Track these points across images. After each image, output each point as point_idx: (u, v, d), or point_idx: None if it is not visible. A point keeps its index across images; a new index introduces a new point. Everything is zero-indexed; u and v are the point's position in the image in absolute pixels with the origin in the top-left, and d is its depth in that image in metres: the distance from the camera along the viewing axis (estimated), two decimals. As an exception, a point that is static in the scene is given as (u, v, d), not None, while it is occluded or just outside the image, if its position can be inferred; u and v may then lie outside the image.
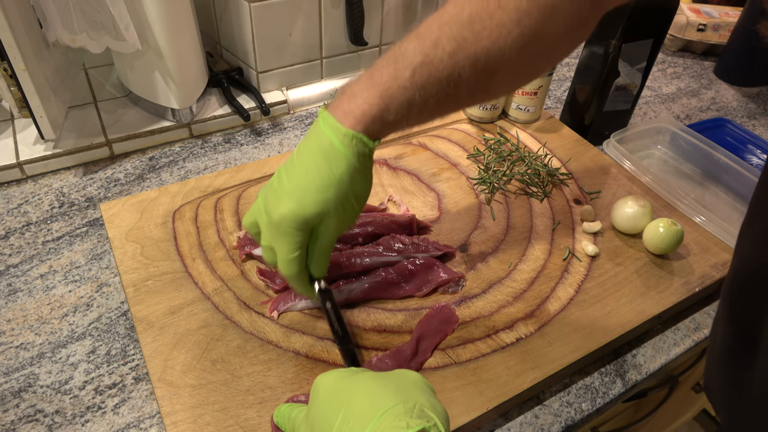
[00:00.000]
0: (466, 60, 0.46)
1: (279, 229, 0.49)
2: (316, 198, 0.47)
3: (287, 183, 0.49)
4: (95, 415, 0.54)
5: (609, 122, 0.91)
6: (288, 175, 0.49)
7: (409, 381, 0.41)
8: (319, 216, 0.48)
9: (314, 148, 0.48)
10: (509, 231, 0.71)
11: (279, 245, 0.50)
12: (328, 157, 0.47)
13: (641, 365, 0.62)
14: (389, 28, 0.98)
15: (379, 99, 0.46)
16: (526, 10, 0.45)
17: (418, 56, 0.46)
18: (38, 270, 0.66)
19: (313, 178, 0.47)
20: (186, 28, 0.80)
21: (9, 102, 0.82)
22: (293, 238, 0.49)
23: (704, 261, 0.69)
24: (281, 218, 0.48)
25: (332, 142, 0.47)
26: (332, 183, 0.47)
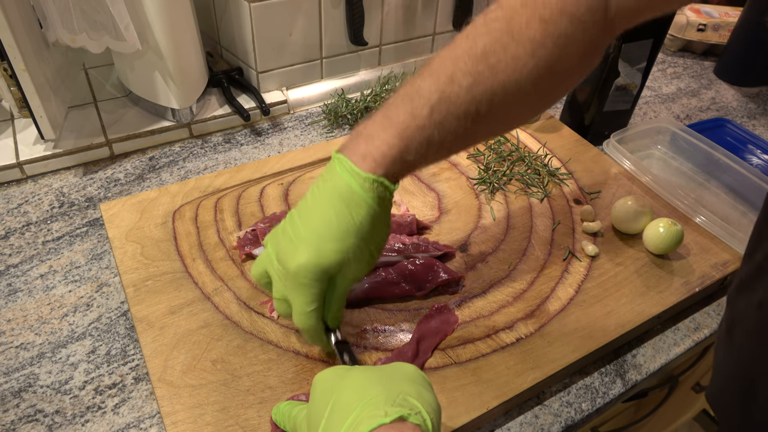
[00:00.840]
0: (483, 95, 0.45)
1: (296, 280, 0.46)
2: (336, 246, 0.45)
3: (303, 230, 0.46)
4: (95, 415, 0.54)
5: (609, 122, 0.91)
6: (303, 221, 0.47)
7: (401, 373, 0.41)
8: (339, 265, 0.46)
9: (331, 193, 0.46)
10: (509, 231, 0.71)
11: (295, 297, 0.47)
12: (347, 202, 0.45)
13: (641, 365, 0.62)
14: (389, 28, 0.98)
15: (398, 140, 0.45)
16: (540, 42, 0.44)
17: (434, 93, 0.45)
18: (38, 270, 0.66)
19: (332, 226, 0.45)
20: (186, 28, 0.80)
21: (9, 102, 0.82)
22: (311, 290, 0.46)
23: (704, 261, 0.69)
24: (298, 269, 0.45)
25: (351, 186, 0.45)
26: (352, 230, 0.45)
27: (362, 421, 0.35)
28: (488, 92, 0.45)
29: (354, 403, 0.37)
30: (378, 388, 0.38)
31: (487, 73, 0.45)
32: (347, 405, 0.37)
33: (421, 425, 0.36)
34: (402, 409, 0.36)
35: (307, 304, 0.47)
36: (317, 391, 0.41)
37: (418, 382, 0.40)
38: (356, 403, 0.37)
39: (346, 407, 0.37)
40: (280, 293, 0.49)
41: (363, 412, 0.36)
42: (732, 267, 0.69)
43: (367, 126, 0.47)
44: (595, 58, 0.49)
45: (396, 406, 0.36)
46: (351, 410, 0.37)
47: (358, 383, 0.39)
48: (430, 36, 1.04)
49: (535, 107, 0.51)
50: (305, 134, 0.90)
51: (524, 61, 0.45)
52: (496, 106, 0.46)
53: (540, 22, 0.44)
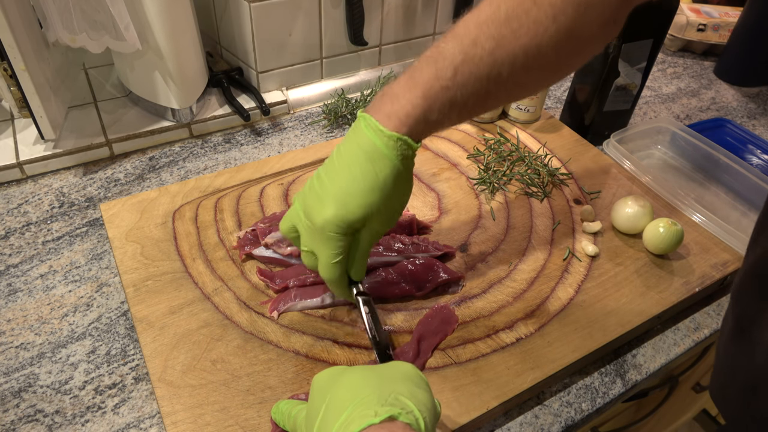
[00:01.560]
0: (505, 57, 0.46)
1: (323, 233, 0.48)
2: (361, 202, 0.47)
3: (329, 186, 0.48)
4: (95, 415, 0.54)
5: (609, 122, 0.91)
6: (329, 178, 0.49)
7: (397, 372, 0.41)
8: (363, 220, 0.48)
9: (356, 151, 0.48)
10: (509, 231, 0.71)
11: (322, 249, 0.49)
12: (372, 160, 0.47)
13: (641, 365, 0.62)
14: (389, 28, 0.98)
15: (422, 99, 0.46)
16: (561, 8, 0.46)
17: (458, 55, 0.46)
18: (38, 270, 0.66)
19: (358, 182, 0.47)
20: (186, 28, 0.80)
21: (9, 102, 0.82)
22: (336, 243, 0.48)
23: (704, 261, 0.69)
24: (325, 222, 0.48)
25: (376, 144, 0.47)
26: (377, 186, 0.47)
27: (353, 420, 0.36)
28: (510, 55, 0.46)
29: (346, 403, 0.37)
30: (371, 387, 0.38)
31: (509, 36, 0.46)
32: (340, 404, 0.38)
33: (412, 424, 0.36)
34: (393, 409, 0.36)
35: (333, 256, 0.49)
36: (314, 391, 0.42)
37: (413, 381, 0.41)
38: (348, 403, 0.37)
39: (339, 407, 0.38)
40: (308, 246, 0.51)
41: (354, 412, 0.36)
42: (732, 267, 0.69)
43: (392, 87, 0.48)
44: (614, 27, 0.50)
45: (387, 405, 0.36)
46: (343, 410, 0.37)
47: (352, 383, 0.40)
48: (430, 36, 1.04)
49: (555, 73, 0.52)
50: (305, 134, 0.90)
51: (545, 26, 0.46)
52: (518, 70, 0.47)
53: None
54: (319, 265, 0.51)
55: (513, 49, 0.46)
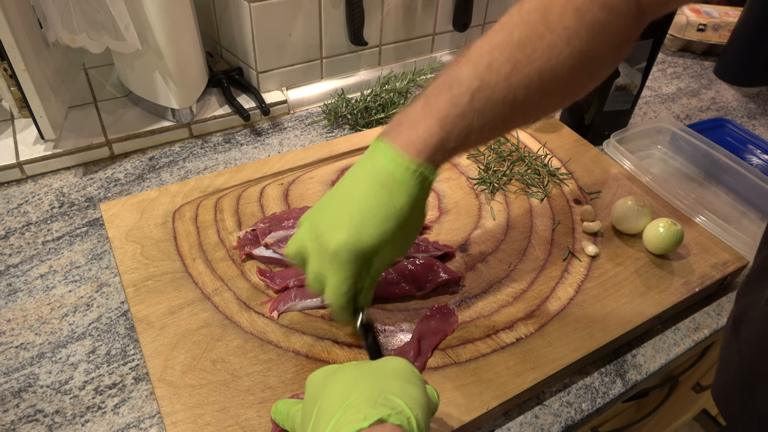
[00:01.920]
0: (520, 82, 0.46)
1: (334, 259, 0.47)
2: (376, 230, 0.46)
3: (343, 212, 0.47)
4: (95, 415, 0.54)
5: (609, 122, 0.91)
6: (341, 204, 0.48)
7: (388, 369, 0.41)
8: (377, 248, 0.47)
9: (371, 178, 0.47)
10: (509, 231, 0.71)
11: (331, 276, 0.48)
12: (388, 188, 0.46)
13: (641, 365, 0.62)
14: (389, 28, 0.98)
15: (439, 128, 0.46)
16: (575, 30, 0.46)
17: (474, 81, 0.46)
18: (38, 270, 0.66)
19: (373, 210, 0.46)
20: (186, 28, 0.80)
21: (9, 102, 0.82)
22: (347, 270, 0.47)
23: (704, 261, 0.69)
24: (338, 248, 0.46)
25: (393, 173, 0.46)
26: (393, 215, 0.46)
27: (343, 425, 0.36)
28: (525, 79, 0.46)
29: (336, 406, 0.37)
30: (360, 388, 0.38)
31: (524, 61, 0.46)
32: (330, 408, 0.38)
33: (403, 425, 0.36)
34: (382, 410, 0.36)
35: (342, 283, 0.48)
36: (308, 392, 0.42)
37: (404, 377, 0.40)
38: (338, 407, 0.37)
39: (329, 411, 0.37)
40: (316, 271, 0.50)
41: (344, 416, 0.36)
42: (732, 267, 0.69)
43: (408, 113, 0.48)
44: (626, 48, 0.51)
45: (377, 407, 0.36)
46: (333, 414, 0.37)
47: (342, 384, 0.39)
48: (430, 36, 1.04)
49: (570, 95, 0.52)
50: (305, 134, 0.90)
51: (560, 49, 0.46)
52: (533, 93, 0.47)
53: (574, 11, 0.46)
54: (327, 291, 0.49)
55: (528, 73, 0.46)
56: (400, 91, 0.94)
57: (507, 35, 0.47)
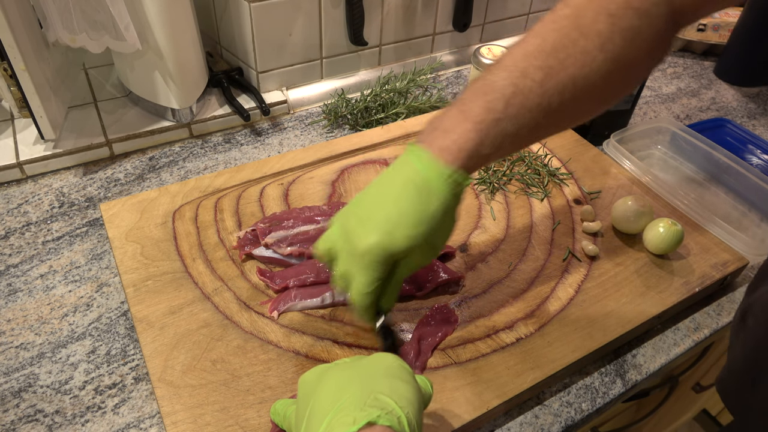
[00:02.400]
0: (554, 88, 0.46)
1: (363, 259, 0.47)
2: (408, 233, 0.46)
3: (375, 214, 0.48)
4: (95, 415, 0.54)
5: (609, 122, 0.91)
6: (375, 205, 0.48)
7: (378, 367, 0.41)
8: (406, 251, 0.47)
9: (405, 182, 0.47)
10: (509, 231, 0.71)
11: (358, 276, 0.48)
12: (421, 193, 0.47)
13: (641, 365, 0.62)
14: (389, 28, 0.98)
15: (474, 133, 0.46)
16: (608, 36, 0.46)
17: (508, 87, 0.46)
18: (38, 270, 0.66)
19: (405, 213, 0.47)
20: (186, 28, 0.80)
21: (9, 102, 0.82)
22: (375, 271, 0.48)
23: (704, 261, 0.69)
24: (368, 249, 0.47)
25: (428, 178, 0.46)
26: (425, 219, 0.46)
27: (333, 429, 0.36)
28: (559, 86, 0.46)
29: (327, 408, 0.37)
30: (351, 389, 0.38)
31: (557, 67, 0.46)
32: (322, 410, 0.38)
33: (393, 425, 0.36)
34: (372, 411, 0.36)
35: (368, 284, 0.48)
36: (300, 393, 0.42)
37: (395, 375, 0.40)
38: (329, 408, 0.37)
39: (321, 412, 0.37)
40: (343, 270, 0.50)
41: (334, 420, 0.36)
42: (732, 267, 0.69)
43: (442, 120, 0.48)
44: (661, 52, 0.51)
45: (367, 408, 0.36)
46: (324, 416, 0.37)
47: (333, 385, 0.39)
48: (430, 36, 1.04)
49: (605, 100, 0.52)
50: (305, 134, 0.90)
51: (593, 56, 0.46)
52: (567, 100, 0.47)
53: (607, 16, 0.46)
54: (352, 290, 0.49)
55: (562, 79, 0.46)
56: (400, 91, 0.94)
57: (541, 42, 0.47)
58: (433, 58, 1.07)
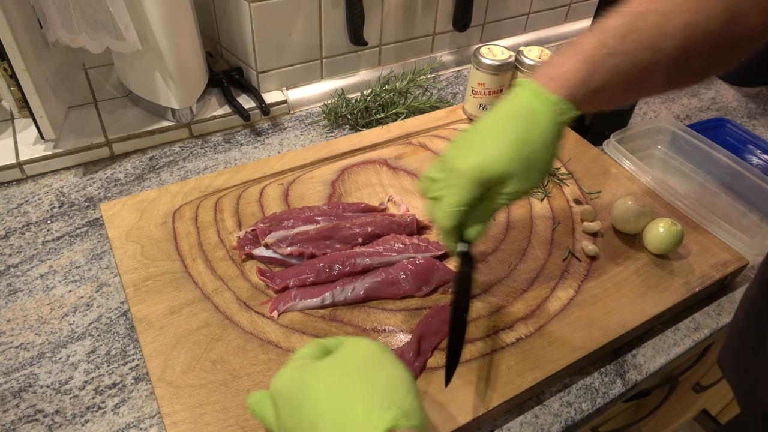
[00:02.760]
0: (669, 32, 0.47)
1: (460, 177, 0.48)
2: (506, 156, 0.47)
3: (479, 138, 0.49)
4: (95, 415, 0.54)
5: (609, 122, 0.91)
6: (481, 131, 0.50)
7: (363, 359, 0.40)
8: (503, 176, 0.48)
9: (512, 109, 0.49)
10: (509, 231, 0.71)
11: (450, 194, 0.49)
12: (526, 119, 0.48)
13: (641, 365, 0.62)
14: (389, 28, 0.98)
15: (585, 63, 0.47)
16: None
17: (624, 27, 0.47)
18: (38, 270, 0.66)
19: (507, 137, 0.48)
20: (186, 28, 0.80)
21: (9, 102, 0.82)
22: (467, 191, 0.48)
23: (704, 261, 0.69)
24: (466, 168, 0.48)
25: (533, 105, 0.48)
26: (525, 144, 0.47)
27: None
28: (673, 30, 0.47)
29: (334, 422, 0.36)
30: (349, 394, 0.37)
31: (671, 13, 0.47)
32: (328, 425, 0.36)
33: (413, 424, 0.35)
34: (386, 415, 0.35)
35: (457, 203, 0.49)
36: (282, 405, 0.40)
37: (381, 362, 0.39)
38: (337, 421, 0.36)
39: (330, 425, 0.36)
40: (438, 191, 0.50)
41: None
42: (732, 267, 0.69)
43: (556, 56, 0.50)
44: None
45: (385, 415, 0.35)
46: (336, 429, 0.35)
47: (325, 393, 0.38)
48: (430, 36, 1.04)
49: (716, 60, 0.51)
50: (305, 134, 0.90)
51: (708, 3, 0.46)
52: (681, 46, 0.47)
53: None
54: (440, 209, 0.50)
55: (676, 23, 0.47)
56: (400, 91, 0.94)
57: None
58: (433, 58, 1.07)
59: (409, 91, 0.96)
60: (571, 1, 1.20)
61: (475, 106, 0.87)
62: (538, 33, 1.19)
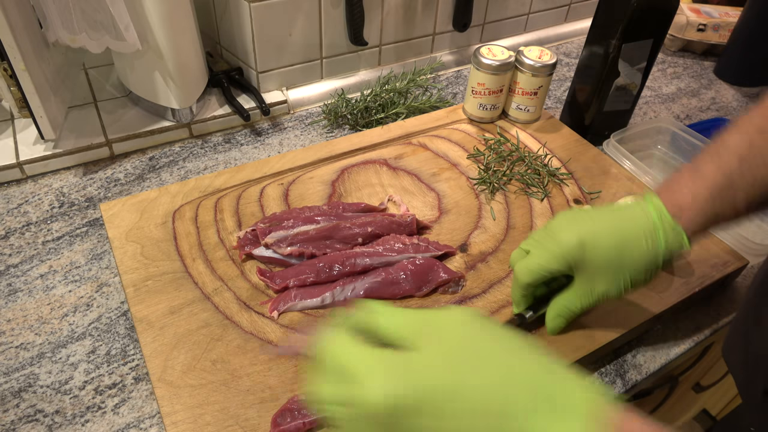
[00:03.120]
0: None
1: (555, 243, 0.50)
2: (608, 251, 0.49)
3: (591, 223, 0.50)
4: (95, 415, 0.54)
5: (609, 122, 0.91)
6: (596, 219, 0.50)
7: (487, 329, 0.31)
8: (597, 262, 0.49)
9: (631, 219, 0.50)
10: (509, 231, 0.71)
11: (537, 253, 0.51)
12: (638, 236, 0.49)
13: (641, 365, 0.62)
14: (389, 28, 0.98)
15: (711, 201, 0.47)
16: None
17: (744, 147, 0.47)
18: (38, 270, 0.66)
19: (615, 238, 0.49)
20: (186, 28, 0.80)
21: (9, 102, 0.82)
22: (556, 258, 0.49)
23: (704, 261, 0.69)
24: (565, 236, 0.49)
25: (655, 228, 0.49)
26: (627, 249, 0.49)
27: None
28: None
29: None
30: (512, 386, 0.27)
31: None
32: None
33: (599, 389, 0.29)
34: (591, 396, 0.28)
35: (538, 265, 0.50)
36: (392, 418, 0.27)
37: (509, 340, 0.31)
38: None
39: None
40: (529, 246, 0.52)
41: None
42: (732, 267, 0.69)
43: (681, 176, 0.50)
44: None
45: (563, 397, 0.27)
46: None
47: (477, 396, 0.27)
48: (430, 36, 1.04)
49: None
50: (305, 134, 0.90)
51: None
52: None
53: None
54: (526, 260, 0.51)
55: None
56: (400, 91, 0.94)
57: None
58: (433, 58, 1.07)
59: (409, 91, 0.96)
60: (571, 1, 1.20)
61: (475, 106, 0.87)
62: (538, 33, 1.20)
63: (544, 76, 0.84)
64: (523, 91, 0.85)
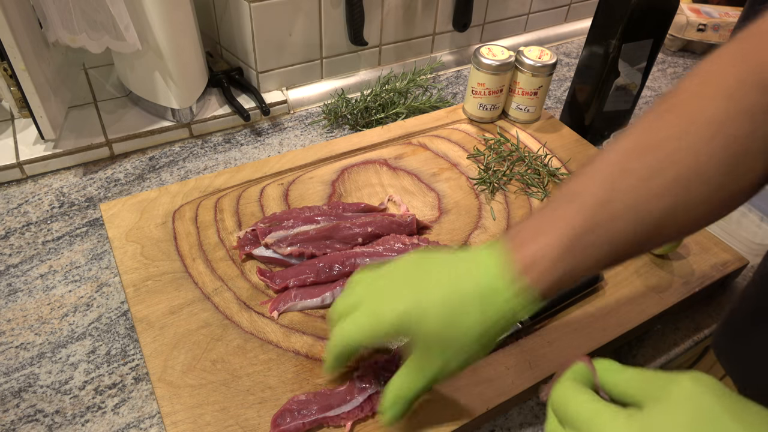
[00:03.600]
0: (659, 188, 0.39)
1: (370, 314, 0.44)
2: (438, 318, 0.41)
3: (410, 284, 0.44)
4: (95, 415, 0.54)
5: (609, 122, 0.91)
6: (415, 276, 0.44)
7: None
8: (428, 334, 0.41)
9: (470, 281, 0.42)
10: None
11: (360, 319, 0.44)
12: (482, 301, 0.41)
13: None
14: (389, 28, 0.98)
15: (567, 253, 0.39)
16: (723, 121, 0.39)
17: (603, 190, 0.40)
18: (38, 270, 0.66)
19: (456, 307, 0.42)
20: (186, 28, 0.80)
21: (9, 102, 0.82)
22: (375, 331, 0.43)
23: (704, 261, 0.69)
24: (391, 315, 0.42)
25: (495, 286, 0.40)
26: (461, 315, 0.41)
27: None
28: (665, 185, 0.39)
29: None
30: None
31: (664, 163, 0.39)
32: None
33: None
34: None
35: (351, 339, 0.44)
36: None
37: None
38: None
39: None
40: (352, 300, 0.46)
41: None
42: (732, 267, 0.69)
43: (535, 219, 0.42)
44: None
45: None
46: None
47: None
48: (430, 36, 1.04)
49: (722, 202, 0.41)
50: (305, 134, 0.90)
51: (705, 146, 0.39)
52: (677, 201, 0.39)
53: (725, 99, 0.40)
54: (340, 325, 0.45)
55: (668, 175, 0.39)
56: (400, 91, 0.94)
57: (641, 136, 0.41)
58: (433, 58, 1.07)
59: (409, 91, 0.96)
60: (571, 1, 1.20)
61: (475, 106, 0.87)
62: (538, 33, 1.20)
63: (544, 76, 0.84)
64: (523, 91, 0.85)
